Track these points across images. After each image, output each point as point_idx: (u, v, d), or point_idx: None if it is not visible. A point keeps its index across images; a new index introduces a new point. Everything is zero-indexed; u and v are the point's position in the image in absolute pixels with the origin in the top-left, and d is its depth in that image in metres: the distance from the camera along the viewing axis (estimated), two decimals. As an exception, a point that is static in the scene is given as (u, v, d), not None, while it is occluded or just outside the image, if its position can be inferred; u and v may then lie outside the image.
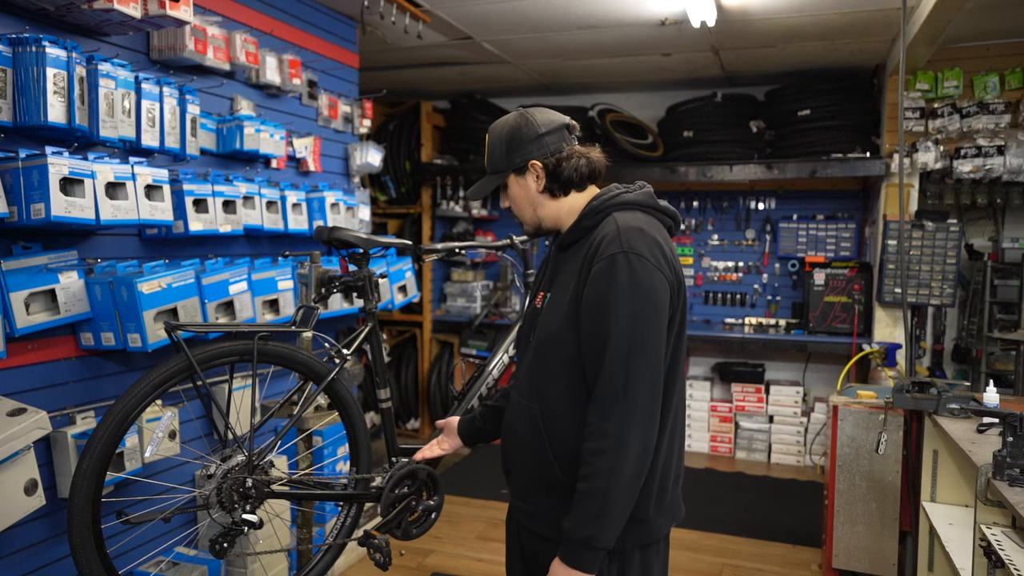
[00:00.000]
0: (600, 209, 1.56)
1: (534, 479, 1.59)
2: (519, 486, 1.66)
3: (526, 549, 1.67)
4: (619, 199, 1.56)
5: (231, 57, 2.79)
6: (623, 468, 1.38)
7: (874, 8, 3.60)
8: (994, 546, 1.78)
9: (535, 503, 1.61)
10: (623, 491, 1.40)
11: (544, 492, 1.58)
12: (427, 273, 5.60)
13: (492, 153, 1.63)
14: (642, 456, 1.40)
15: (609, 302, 1.42)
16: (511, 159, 1.60)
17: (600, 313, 1.43)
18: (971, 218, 4.86)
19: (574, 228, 1.59)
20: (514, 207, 1.66)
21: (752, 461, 5.19)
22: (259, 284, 2.74)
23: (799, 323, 5.14)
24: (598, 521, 1.40)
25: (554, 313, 1.55)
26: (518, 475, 1.65)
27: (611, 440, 1.39)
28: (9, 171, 1.98)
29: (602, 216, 1.55)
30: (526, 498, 1.63)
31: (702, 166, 4.88)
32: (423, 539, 2.46)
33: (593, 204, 1.57)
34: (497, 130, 1.63)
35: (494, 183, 1.63)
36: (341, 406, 2.22)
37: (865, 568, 3.13)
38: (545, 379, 1.55)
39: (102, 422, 1.75)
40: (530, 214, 1.64)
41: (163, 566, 2.49)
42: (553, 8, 3.73)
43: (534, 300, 1.70)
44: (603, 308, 1.43)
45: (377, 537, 2.12)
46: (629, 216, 1.52)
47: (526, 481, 1.62)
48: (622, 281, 1.42)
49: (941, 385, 2.72)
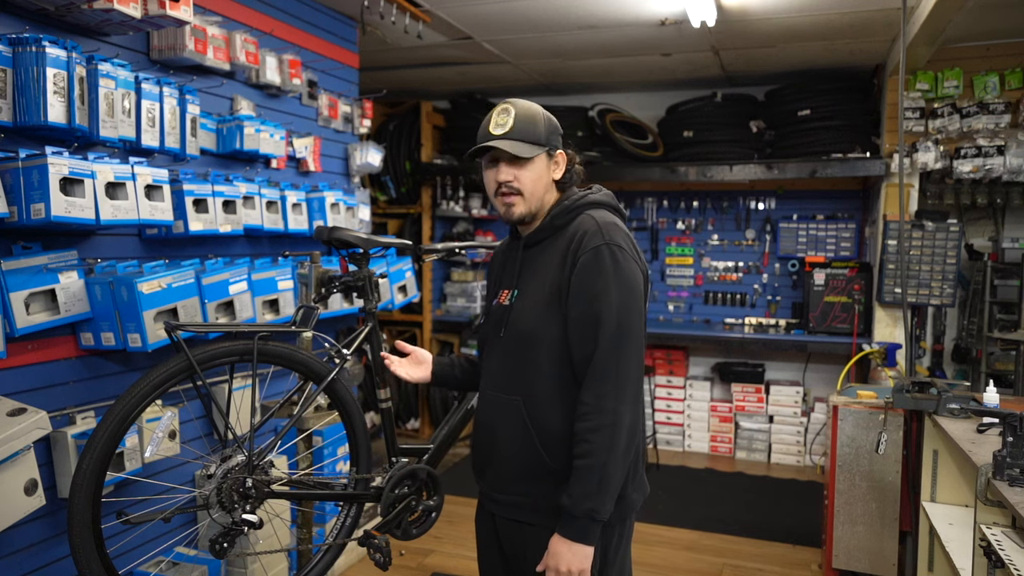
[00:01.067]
0: (572, 208, 1.66)
1: (518, 470, 1.64)
2: (498, 479, 1.69)
3: (505, 544, 1.72)
4: (589, 199, 1.68)
5: (231, 57, 2.79)
6: (619, 443, 1.50)
7: (874, 8, 3.60)
8: (994, 546, 1.78)
9: (518, 494, 1.65)
10: (619, 464, 1.51)
11: (529, 481, 1.63)
12: (427, 273, 5.60)
13: (529, 125, 1.62)
14: (632, 431, 1.52)
15: (598, 290, 1.53)
16: (549, 140, 1.65)
17: (589, 300, 1.54)
18: (971, 218, 4.87)
19: (545, 226, 1.67)
20: (527, 184, 1.64)
21: (752, 461, 5.19)
22: (259, 284, 2.74)
23: (799, 323, 5.14)
24: (599, 494, 1.49)
25: (531, 307, 1.63)
26: (498, 468, 1.69)
27: (608, 417, 1.49)
28: (9, 171, 1.98)
29: (574, 215, 1.66)
30: (507, 490, 1.67)
31: (702, 166, 4.88)
32: (423, 539, 2.47)
33: (565, 204, 1.67)
34: (531, 108, 1.65)
35: (534, 151, 1.62)
36: (341, 406, 2.22)
37: (865, 568, 3.13)
38: (526, 371, 1.62)
39: (102, 422, 1.75)
40: (539, 197, 1.66)
41: (163, 566, 2.49)
42: (553, 8, 3.73)
43: (496, 298, 1.76)
44: (592, 295, 1.53)
45: (377, 537, 2.12)
46: (602, 214, 1.65)
47: (507, 473, 1.66)
48: (607, 270, 1.54)
49: (941, 385, 2.72)
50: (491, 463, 1.70)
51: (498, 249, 1.91)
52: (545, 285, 1.61)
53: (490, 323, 1.76)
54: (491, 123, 1.63)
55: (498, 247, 1.92)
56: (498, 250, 1.90)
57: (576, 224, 1.64)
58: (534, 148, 1.62)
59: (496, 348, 1.70)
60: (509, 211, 1.66)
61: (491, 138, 1.62)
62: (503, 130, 1.61)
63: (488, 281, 1.91)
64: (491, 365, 1.73)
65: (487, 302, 1.84)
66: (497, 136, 1.61)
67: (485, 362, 1.78)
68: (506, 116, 1.63)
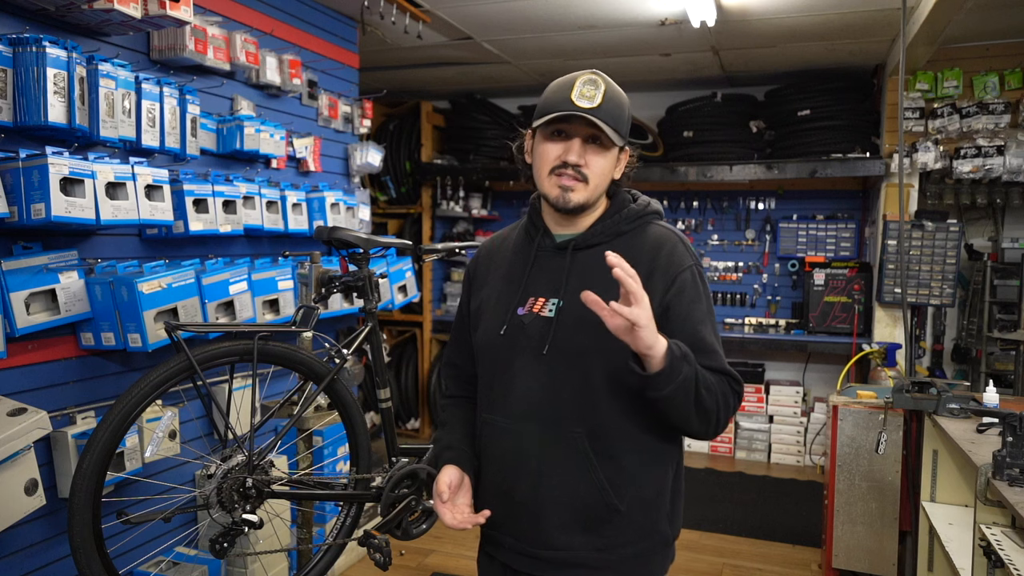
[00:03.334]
0: (641, 215, 1.49)
1: (575, 517, 1.40)
2: (540, 531, 1.42)
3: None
4: (653, 207, 1.52)
5: (231, 57, 2.79)
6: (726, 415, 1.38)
7: (874, 8, 3.60)
8: (994, 546, 1.78)
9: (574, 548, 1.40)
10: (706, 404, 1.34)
11: (589, 530, 1.40)
12: (427, 273, 5.60)
13: (616, 109, 1.41)
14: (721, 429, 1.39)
15: (702, 315, 1.41)
16: (625, 135, 1.46)
17: (693, 327, 1.39)
18: (971, 218, 4.87)
19: (607, 230, 1.46)
20: (595, 173, 1.41)
21: (752, 461, 5.19)
22: (259, 284, 2.74)
23: (799, 323, 5.14)
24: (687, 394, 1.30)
25: (593, 322, 1.29)
26: (539, 517, 1.41)
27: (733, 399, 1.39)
28: (9, 171, 1.98)
29: (641, 223, 1.48)
30: (554, 543, 1.41)
31: (702, 166, 4.88)
32: (423, 539, 2.46)
33: (633, 208, 1.49)
34: (618, 88, 1.45)
35: (620, 141, 1.43)
36: (341, 406, 2.22)
37: (865, 568, 3.13)
38: (590, 397, 1.39)
39: (102, 422, 1.75)
40: (600, 192, 1.46)
41: (163, 566, 2.49)
42: (553, 8, 3.73)
43: (518, 304, 1.47)
44: (695, 321, 1.39)
45: (377, 537, 2.12)
46: (668, 226, 1.51)
47: (557, 522, 1.40)
48: (702, 294, 1.43)
49: (941, 385, 2.72)
50: (528, 511, 1.42)
51: (490, 246, 1.63)
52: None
53: (514, 337, 1.45)
54: (573, 90, 1.38)
55: (487, 243, 1.65)
56: (491, 247, 1.63)
57: (647, 235, 1.46)
58: (617, 137, 1.40)
59: (528, 369, 1.42)
60: (565, 196, 1.40)
61: (577, 109, 1.37)
62: (591, 104, 1.37)
63: (473, 283, 1.61)
64: (521, 390, 1.43)
65: (478, 307, 1.55)
66: (584, 109, 1.37)
67: (501, 385, 1.47)
68: (593, 89, 1.38)
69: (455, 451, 1.52)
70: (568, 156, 1.39)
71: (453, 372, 1.68)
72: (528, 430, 1.42)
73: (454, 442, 1.54)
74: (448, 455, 1.52)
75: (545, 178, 1.42)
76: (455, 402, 1.65)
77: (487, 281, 1.57)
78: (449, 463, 1.49)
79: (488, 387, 1.51)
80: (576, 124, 1.39)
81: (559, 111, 1.38)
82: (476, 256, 1.64)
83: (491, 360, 1.50)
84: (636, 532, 1.42)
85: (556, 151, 1.40)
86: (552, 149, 1.41)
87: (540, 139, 1.44)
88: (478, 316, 1.55)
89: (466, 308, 1.61)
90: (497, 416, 1.47)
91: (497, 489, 1.47)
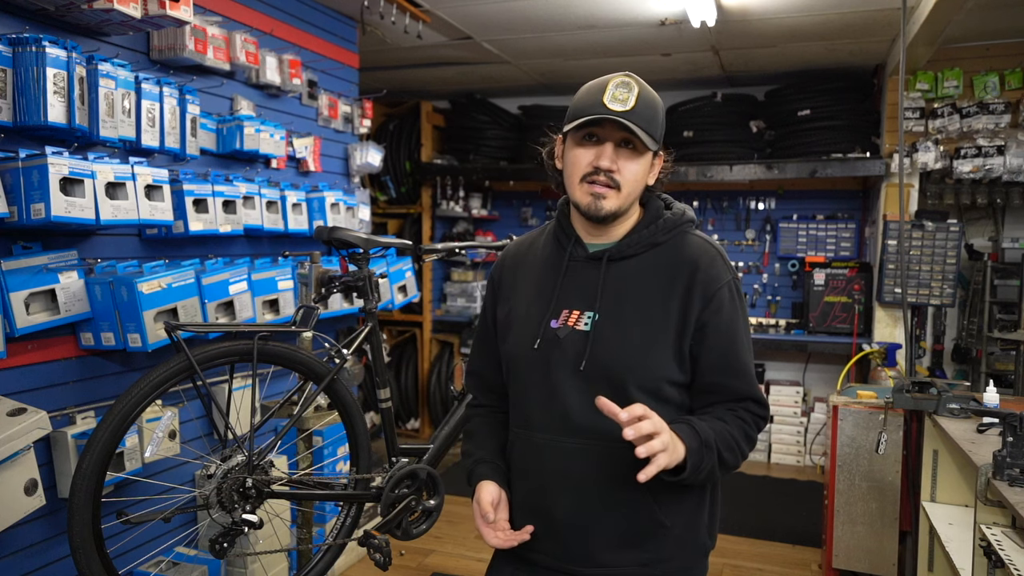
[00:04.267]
0: (677, 224, 1.44)
1: (621, 533, 1.39)
2: (582, 548, 1.40)
3: None
4: (688, 217, 1.47)
5: (231, 57, 2.79)
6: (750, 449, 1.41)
7: (874, 8, 3.60)
8: (994, 546, 1.78)
9: (621, 564, 1.40)
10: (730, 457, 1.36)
11: (636, 545, 1.39)
12: (427, 273, 5.60)
13: (650, 112, 1.36)
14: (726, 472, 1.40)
15: (735, 333, 1.41)
16: (659, 139, 1.40)
17: (732, 339, 1.40)
18: (971, 218, 4.87)
19: (642, 241, 1.42)
20: (628, 180, 1.37)
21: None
22: (259, 284, 2.74)
23: (799, 323, 5.14)
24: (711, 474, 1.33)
25: (633, 337, 1.34)
26: (580, 534, 1.39)
27: (755, 431, 1.42)
28: (9, 171, 1.98)
29: (677, 233, 1.44)
30: (598, 560, 1.40)
31: (702, 166, 4.88)
32: (423, 539, 2.46)
33: (669, 218, 1.44)
34: (652, 91, 1.40)
35: (653, 146, 1.37)
36: (341, 406, 2.22)
37: (865, 568, 3.12)
38: None
39: (102, 422, 1.75)
40: (633, 199, 1.41)
41: (163, 566, 2.49)
42: (553, 8, 3.72)
43: (552, 316, 1.42)
44: (735, 335, 1.41)
45: (377, 537, 2.12)
46: (703, 236, 1.47)
47: (602, 539, 1.39)
48: (740, 309, 1.42)
49: (941, 385, 2.72)
50: (570, 528, 1.40)
51: (516, 252, 1.57)
52: (648, 311, 1.35)
53: (548, 351, 1.40)
54: (606, 93, 1.33)
55: (513, 249, 1.59)
56: (516, 253, 1.57)
57: (684, 247, 1.42)
58: (651, 141, 1.35)
59: (565, 384, 1.38)
60: (597, 204, 1.36)
61: (609, 112, 1.32)
62: (623, 107, 1.32)
63: (499, 290, 1.55)
64: (559, 406, 1.39)
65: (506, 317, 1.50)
66: (617, 112, 1.32)
67: (536, 401, 1.42)
68: (627, 92, 1.34)
69: (489, 465, 1.49)
70: (600, 161, 1.35)
71: (478, 382, 1.64)
72: (568, 446, 1.39)
73: (487, 455, 1.52)
74: (482, 469, 1.49)
75: (576, 185, 1.39)
76: (482, 412, 1.62)
77: (515, 289, 1.52)
78: (485, 479, 1.47)
79: (522, 401, 1.47)
80: (608, 128, 1.35)
81: (591, 115, 1.34)
82: (501, 262, 1.59)
83: (524, 374, 1.45)
84: (680, 546, 1.42)
85: (588, 156, 1.37)
86: (584, 155, 1.37)
87: (571, 144, 1.40)
88: (506, 326, 1.50)
89: (491, 317, 1.56)
90: (533, 432, 1.43)
91: (534, 506, 1.44)
